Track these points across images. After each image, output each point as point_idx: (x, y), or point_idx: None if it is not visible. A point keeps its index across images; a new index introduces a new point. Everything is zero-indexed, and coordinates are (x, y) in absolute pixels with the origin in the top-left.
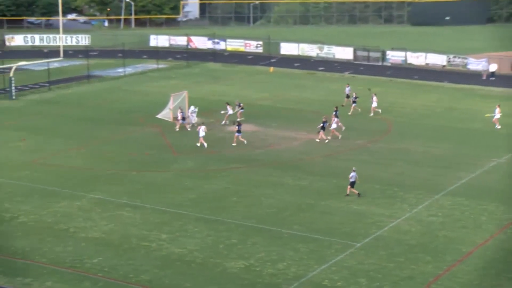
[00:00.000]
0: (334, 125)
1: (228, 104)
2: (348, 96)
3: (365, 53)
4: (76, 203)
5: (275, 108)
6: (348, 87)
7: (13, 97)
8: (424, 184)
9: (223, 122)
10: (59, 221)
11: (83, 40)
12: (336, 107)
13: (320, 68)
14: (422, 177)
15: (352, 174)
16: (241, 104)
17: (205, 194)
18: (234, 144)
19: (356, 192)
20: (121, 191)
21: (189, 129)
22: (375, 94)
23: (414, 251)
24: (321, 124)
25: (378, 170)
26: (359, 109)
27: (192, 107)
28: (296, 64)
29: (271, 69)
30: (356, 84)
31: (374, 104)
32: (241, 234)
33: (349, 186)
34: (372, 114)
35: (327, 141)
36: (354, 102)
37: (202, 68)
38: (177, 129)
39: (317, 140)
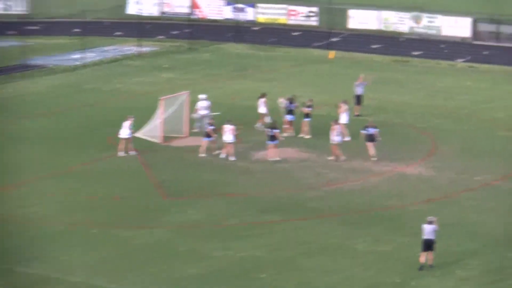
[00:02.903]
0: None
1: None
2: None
3: (492, 27)
4: None
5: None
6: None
7: None
8: None
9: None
10: None
11: (16, 5)
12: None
13: (416, 53)
14: None
15: (428, 228)
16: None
17: (217, 267)
18: (269, 159)
19: (429, 261)
20: (71, 262)
21: (222, 155)
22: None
23: None
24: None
25: None
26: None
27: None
28: (374, 46)
29: (332, 53)
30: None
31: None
32: None
33: (426, 252)
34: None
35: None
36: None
37: (216, 53)
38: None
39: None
